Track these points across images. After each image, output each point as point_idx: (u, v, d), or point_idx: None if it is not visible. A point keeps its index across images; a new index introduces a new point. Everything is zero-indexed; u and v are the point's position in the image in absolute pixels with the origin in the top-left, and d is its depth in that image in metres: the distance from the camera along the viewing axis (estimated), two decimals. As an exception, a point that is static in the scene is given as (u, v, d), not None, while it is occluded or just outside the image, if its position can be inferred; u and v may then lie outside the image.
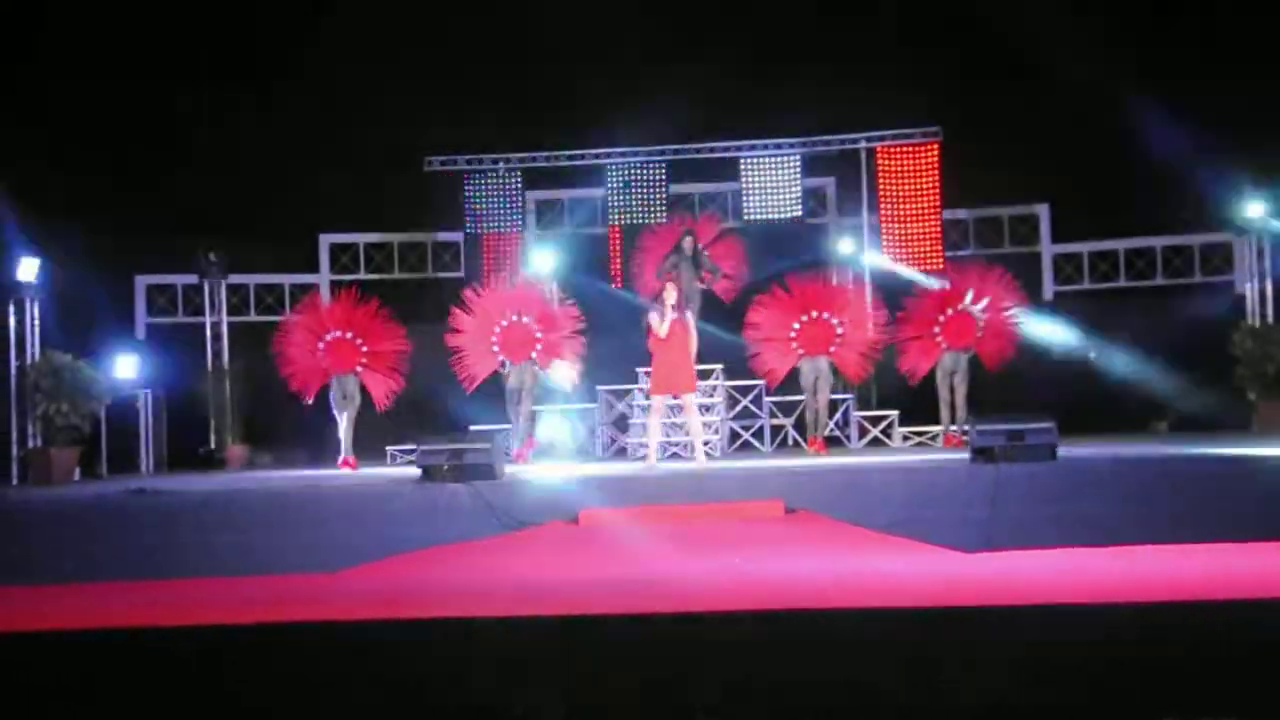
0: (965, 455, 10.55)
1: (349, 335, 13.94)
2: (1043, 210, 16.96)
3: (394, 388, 14.12)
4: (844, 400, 15.11)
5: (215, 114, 16.30)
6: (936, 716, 3.22)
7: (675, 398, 11.40)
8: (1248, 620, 3.69)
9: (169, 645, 3.98)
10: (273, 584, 5.84)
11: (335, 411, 13.82)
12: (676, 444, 13.89)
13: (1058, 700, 3.33)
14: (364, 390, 14.01)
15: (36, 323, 14.93)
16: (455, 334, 14.29)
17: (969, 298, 14.08)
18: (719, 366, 14.02)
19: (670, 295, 11.27)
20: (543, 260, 16.55)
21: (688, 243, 14.79)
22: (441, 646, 3.99)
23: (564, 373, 13.31)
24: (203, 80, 16.05)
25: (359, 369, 13.89)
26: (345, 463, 13.63)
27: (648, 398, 13.20)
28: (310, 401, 14.27)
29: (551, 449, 13.67)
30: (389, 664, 3.95)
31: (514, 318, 13.88)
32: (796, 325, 13.81)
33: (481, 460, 10.05)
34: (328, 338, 13.94)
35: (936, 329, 14.12)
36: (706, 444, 14.18)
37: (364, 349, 14.00)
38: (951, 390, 14.05)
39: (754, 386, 14.80)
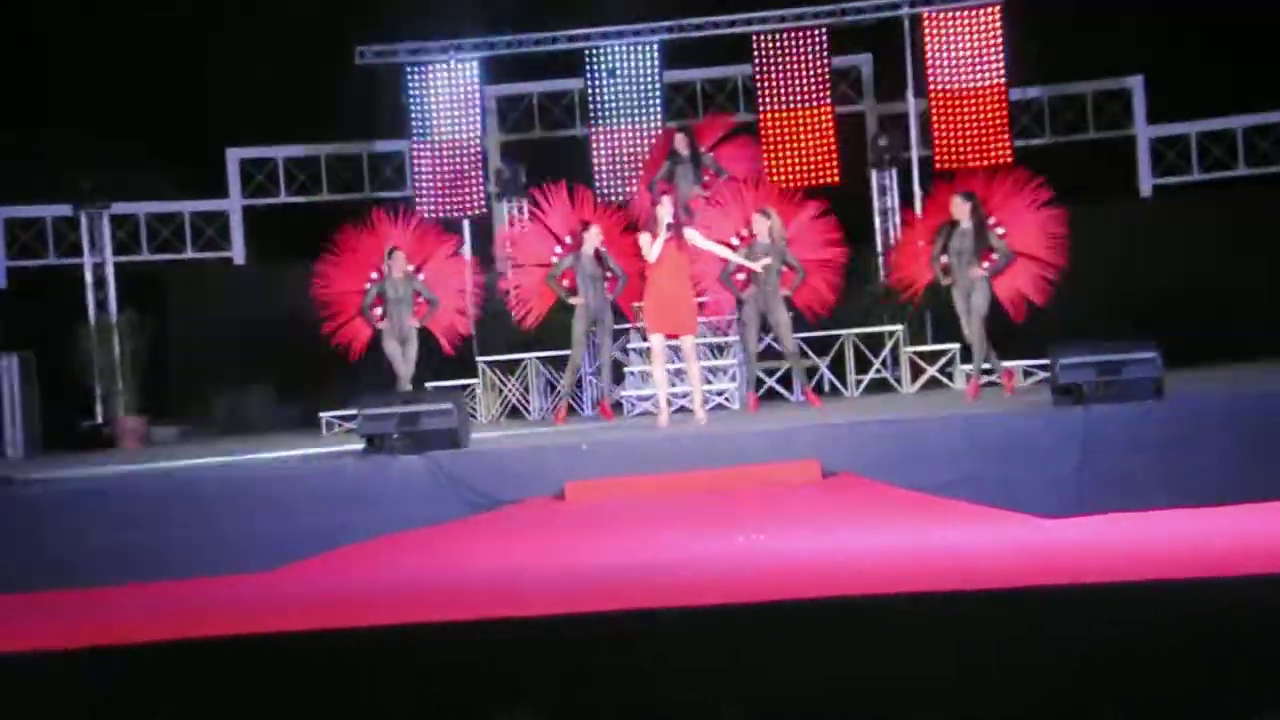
0: (1045, 397, 10.60)
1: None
2: (1136, 84, 16.89)
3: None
4: (891, 333, 15.16)
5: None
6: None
7: (672, 338, 11.40)
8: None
9: (58, 670, 4.04)
10: (188, 590, 5.90)
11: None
12: (685, 395, 13.96)
13: (1158, 694, 3.40)
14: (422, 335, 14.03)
15: None
16: (510, 259, 14.59)
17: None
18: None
19: (664, 211, 11.23)
20: (509, 171, 16.52)
21: (682, 142, 14.75)
22: (397, 659, 4.05)
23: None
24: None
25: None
26: None
27: (644, 338, 13.18)
28: (357, 358, 14.40)
29: None
30: (335, 683, 4.01)
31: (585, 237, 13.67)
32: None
33: (441, 425, 10.09)
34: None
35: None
36: (722, 394, 14.20)
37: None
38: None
39: (779, 321, 14.85)
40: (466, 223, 16.52)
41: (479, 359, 15.21)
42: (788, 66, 16.44)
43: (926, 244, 13.36)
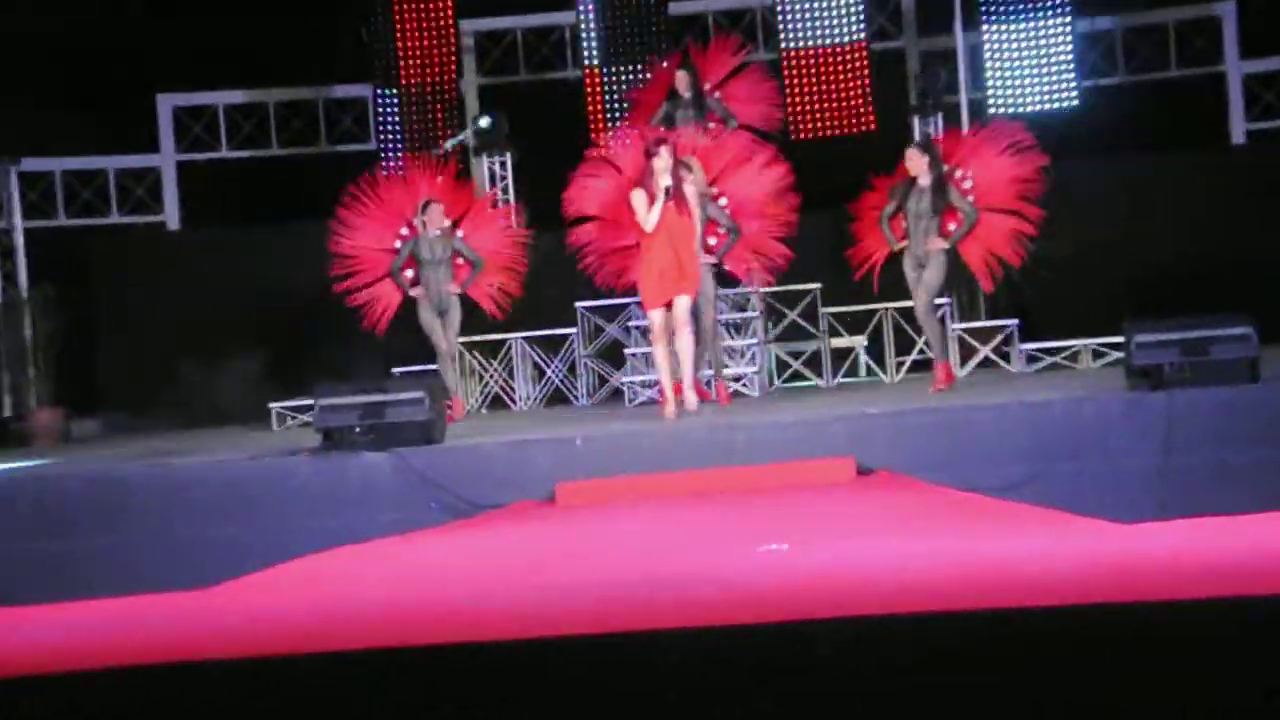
0: (1119, 381, 10.61)
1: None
2: (1227, 11, 16.86)
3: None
4: (939, 306, 15.11)
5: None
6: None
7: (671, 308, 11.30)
8: None
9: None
10: (118, 609, 5.90)
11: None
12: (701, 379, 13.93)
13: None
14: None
15: None
16: (583, 215, 13.99)
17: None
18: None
19: (662, 165, 11.05)
20: (489, 122, 16.46)
21: (683, 80, 14.60)
22: (359, 689, 4.06)
23: None
24: None
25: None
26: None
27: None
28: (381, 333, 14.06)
29: None
30: (286, 718, 4.03)
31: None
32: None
33: (411, 417, 10.11)
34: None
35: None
36: (739, 380, 14.16)
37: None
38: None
39: (807, 292, 14.81)
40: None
41: (456, 340, 15.14)
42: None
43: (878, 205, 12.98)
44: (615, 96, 16.64)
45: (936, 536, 6.25)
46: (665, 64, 15.77)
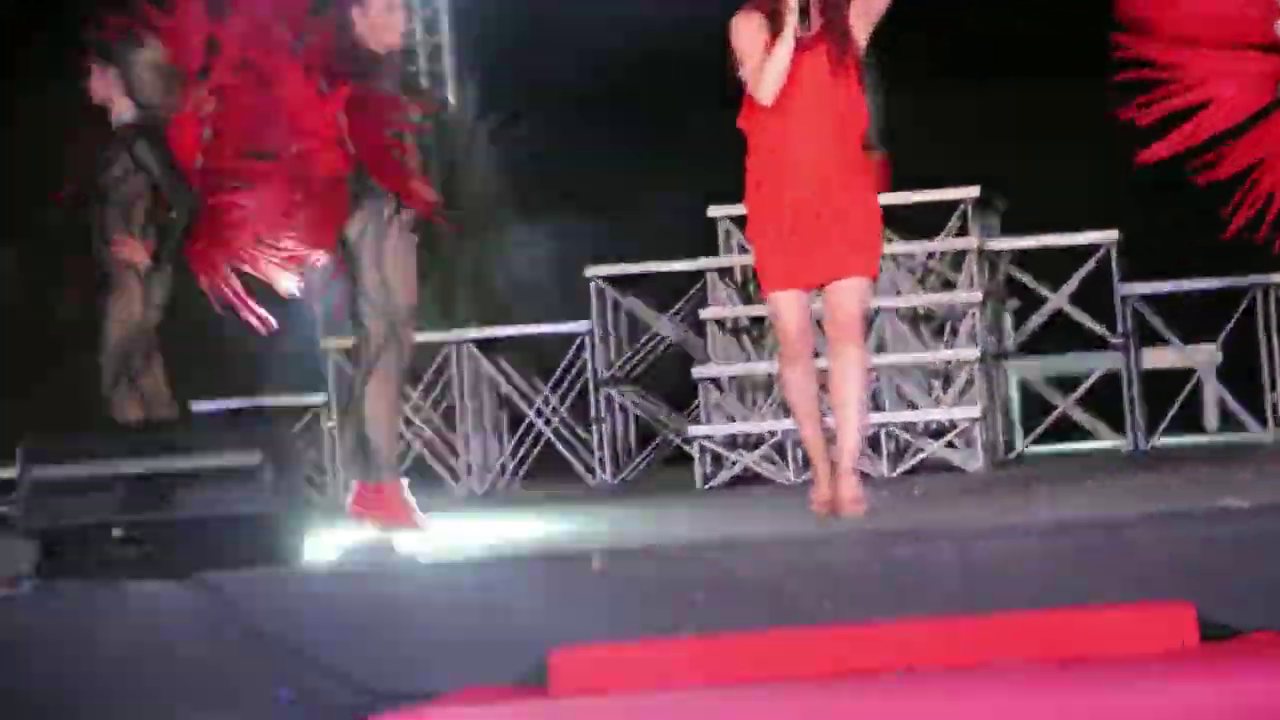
0: None
1: None
2: None
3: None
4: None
5: None
6: None
7: (816, 289, 11.07)
8: None
9: None
10: None
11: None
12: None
13: None
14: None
15: None
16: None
17: None
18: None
19: None
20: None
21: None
22: None
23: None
24: None
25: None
26: None
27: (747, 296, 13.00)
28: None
29: None
30: None
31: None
32: None
33: (235, 507, 9.81)
34: None
35: None
36: (942, 435, 14.17)
37: None
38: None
39: (1089, 250, 14.65)
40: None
41: (328, 343, 15.32)
42: None
43: None
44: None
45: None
46: None
